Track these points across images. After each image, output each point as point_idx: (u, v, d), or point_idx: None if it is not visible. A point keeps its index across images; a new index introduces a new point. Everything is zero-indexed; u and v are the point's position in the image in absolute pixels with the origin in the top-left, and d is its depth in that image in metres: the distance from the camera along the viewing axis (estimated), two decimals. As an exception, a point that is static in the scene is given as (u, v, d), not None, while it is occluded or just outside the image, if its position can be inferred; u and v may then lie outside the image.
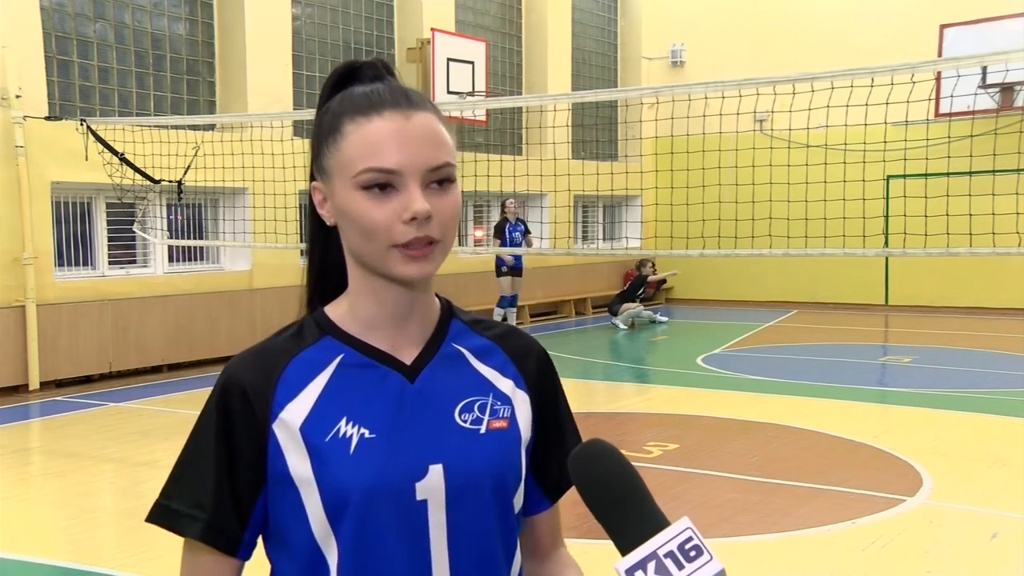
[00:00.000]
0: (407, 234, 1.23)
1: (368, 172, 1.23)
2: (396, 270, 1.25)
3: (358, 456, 1.25)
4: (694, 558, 1.07)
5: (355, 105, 1.27)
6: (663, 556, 1.07)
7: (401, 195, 1.23)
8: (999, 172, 8.30)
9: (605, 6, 18.28)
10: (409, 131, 1.24)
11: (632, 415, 8.72)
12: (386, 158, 1.23)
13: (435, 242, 1.25)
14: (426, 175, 1.24)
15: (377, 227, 1.23)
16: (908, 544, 5.05)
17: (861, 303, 16.78)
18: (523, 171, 10.64)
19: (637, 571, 1.07)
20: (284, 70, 12.19)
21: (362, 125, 1.25)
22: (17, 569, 4.89)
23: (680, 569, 1.06)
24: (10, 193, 9.64)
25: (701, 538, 1.09)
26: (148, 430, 7.98)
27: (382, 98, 1.27)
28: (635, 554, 1.08)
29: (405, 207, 1.22)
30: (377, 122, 1.24)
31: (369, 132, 1.24)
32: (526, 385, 1.40)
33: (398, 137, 1.24)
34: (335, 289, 1.37)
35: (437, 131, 1.27)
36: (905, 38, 15.13)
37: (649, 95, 15.04)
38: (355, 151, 1.24)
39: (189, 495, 1.28)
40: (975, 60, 6.83)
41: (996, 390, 9.22)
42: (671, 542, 1.08)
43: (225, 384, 1.30)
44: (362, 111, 1.26)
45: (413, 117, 1.25)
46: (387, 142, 1.23)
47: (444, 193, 1.26)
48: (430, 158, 1.24)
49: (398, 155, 1.23)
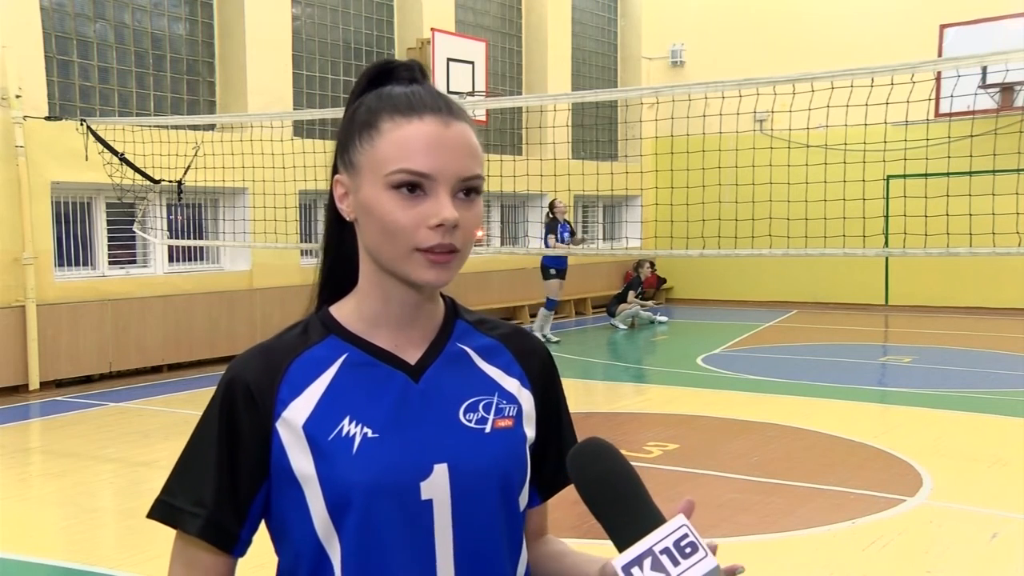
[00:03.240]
0: (431, 239, 1.23)
1: (401, 172, 1.23)
2: (415, 274, 1.25)
3: (360, 455, 1.25)
4: (689, 554, 1.08)
5: (394, 104, 1.27)
6: (659, 552, 1.08)
7: (430, 200, 1.23)
8: (999, 172, 8.29)
9: (605, 6, 18.28)
10: (447, 138, 1.25)
11: (632, 415, 8.72)
12: (422, 161, 1.23)
13: (456, 251, 1.25)
14: (457, 184, 1.25)
15: (402, 228, 1.23)
16: (908, 544, 5.05)
17: (861, 303, 16.78)
18: (523, 171, 10.64)
19: (634, 567, 1.08)
20: (284, 70, 12.19)
21: (401, 125, 1.25)
22: (17, 569, 4.89)
23: (676, 565, 1.07)
24: (10, 193, 9.64)
25: (697, 535, 1.09)
26: (148, 430, 7.98)
27: (423, 102, 1.27)
28: (631, 551, 1.09)
29: (434, 213, 1.23)
30: (417, 124, 1.25)
31: (407, 133, 1.24)
32: (531, 384, 1.40)
33: (436, 143, 1.24)
34: (344, 287, 1.37)
35: (472, 143, 1.27)
36: (905, 38, 15.13)
37: (649, 95, 15.05)
38: (391, 150, 1.24)
39: (191, 492, 1.28)
40: (975, 60, 6.83)
41: (996, 390, 9.22)
42: (667, 539, 1.09)
43: (230, 382, 1.30)
44: (401, 111, 1.26)
45: (452, 125, 1.26)
46: (424, 146, 1.23)
47: (470, 204, 1.26)
48: (463, 168, 1.25)
49: (434, 160, 1.23)
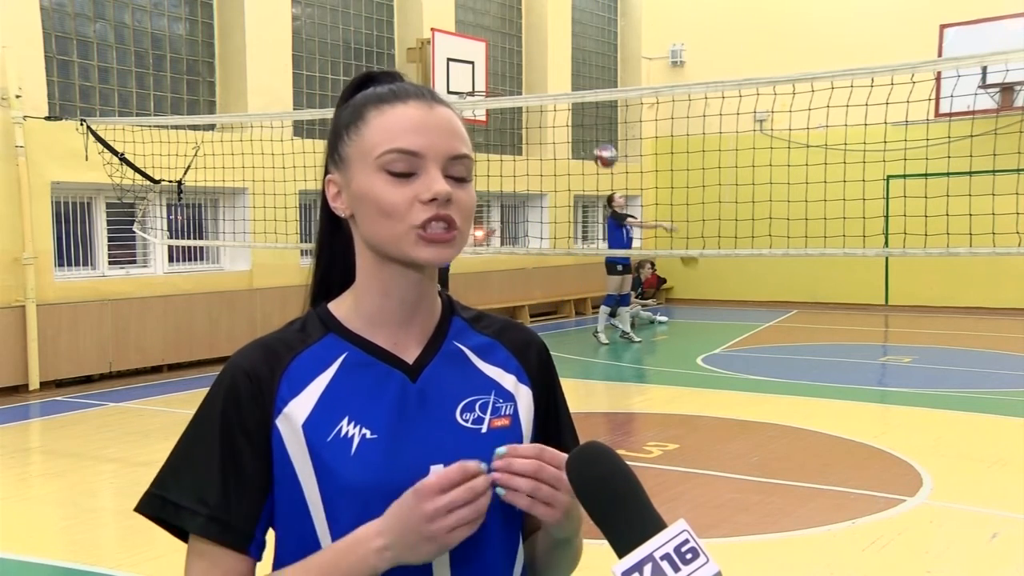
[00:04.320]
0: (426, 212, 1.24)
1: (391, 153, 1.25)
2: (414, 253, 1.25)
3: (359, 457, 1.24)
4: (690, 560, 1.07)
5: (378, 96, 1.30)
6: (659, 558, 1.07)
7: (421, 178, 1.25)
8: (999, 172, 8.29)
9: (605, 6, 18.28)
10: (432, 119, 1.27)
11: (632, 415, 8.72)
12: (410, 140, 1.25)
13: (455, 228, 1.25)
14: (447, 163, 1.26)
15: (397, 207, 1.24)
16: (908, 544, 5.05)
17: (861, 303, 16.77)
18: (523, 171, 10.64)
19: (633, 573, 1.07)
20: (284, 70, 12.19)
21: (385, 112, 1.27)
22: (17, 569, 4.88)
23: (676, 571, 1.06)
24: (10, 193, 9.64)
25: (698, 540, 1.09)
26: (148, 430, 7.97)
27: (406, 90, 1.30)
28: (631, 556, 1.08)
29: (426, 187, 1.24)
30: (401, 108, 1.27)
31: (393, 116, 1.27)
32: (528, 378, 1.40)
33: (422, 123, 1.26)
34: (339, 287, 1.37)
35: (458, 125, 1.29)
36: (905, 38, 15.13)
37: (649, 95, 15.05)
38: (378, 135, 1.26)
39: (191, 489, 1.26)
40: (975, 60, 6.83)
41: (996, 390, 9.21)
42: (667, 544, 1.08)
43: (232, 374, 1.29)
44: (386, 100, 1.29)
45: (436, 108, 1.29)
46: (411, 126, 1.26)
47: (462, 187, 1.27)
48: (451, 147, 1.27)
49: (422, 139, 1.25)
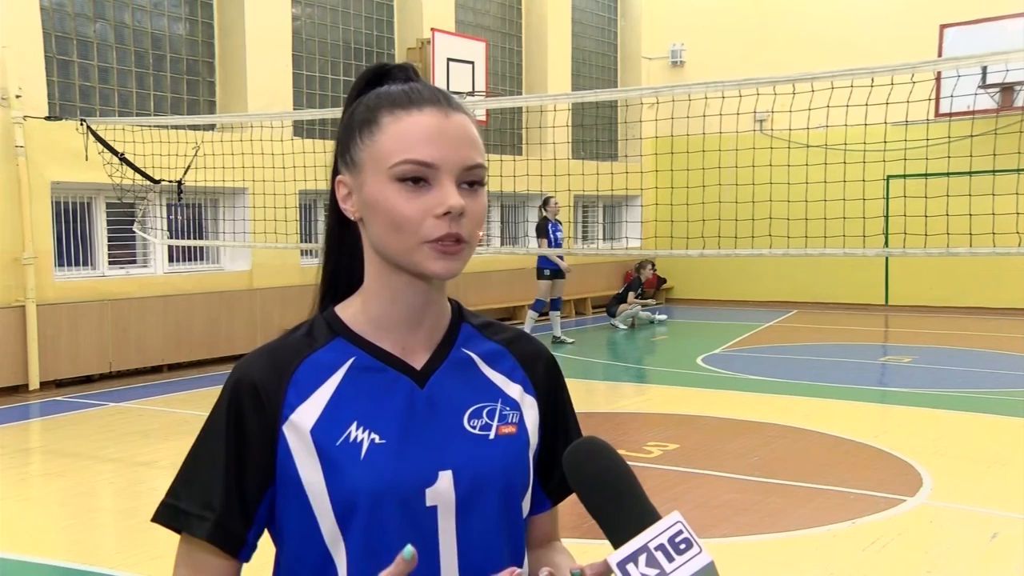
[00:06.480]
0: (439, 229, 1.22)
1: (405, 164, 1.23)
2: (424, 266, 1.24)
3: (368, 462, 1.24)
4: (684, 550, 1.08)
5: (393, 99, 1.27)
6: (654, 549, 1.09)
7: (435, 190, 1.23)
8: (999, 172, 8.29)
9: (605, 6, 18.28)
10: (448, 128, 1.25)
11: (632, 415, 8.71)
12: (424, 151, 1.23)
13: (463, 241, 1.24)
14: (461, 173, 1.24)
15: (409, 220, 1.22)
16: (908, 544, 5.05)
17: (861, 303, 16.78)
18: (523, 171, 10.65)
19: (628, 564, 1.08)
20: (284, 70, 12.19)
21: (401, 118, 1.25)
22: (17, 569, 4.88)
23: (670, 561, 1.08)
24: (10, 193, 9.64)
25: (691, 531, 1.10)
26: (148, 430, 7.98)
27: (421, 95, 1.27)
28: (626, 547, 1.09)
29: (440, 202, 1.22)
30: (416, 116, 1.25)
31: (408, 125, 1.24)
32: (535, 390, 1.39)
33: (437, 133, 1.24)
34: (346, 288, 1.36)
35: (473, 133, 1.27)
36: (905, 38, 15.13)
37: (649, 95, 15.05)
38: (392, 143, 1.24)
39: (199, 495, 1.27)
40: (975, 60, 6.83)
41: (996, 390, 9.21)
42: (662, 535, 1.09)
43: (236, 383, 1.29)
44: (401, 105, 1.26)
45: (452, 116, 1.26)
46: (426, 136, 1.23)
47: (474, 195, 1.26)
48: (466, 157, 1.25)
49: (436, 150, 1.23)
